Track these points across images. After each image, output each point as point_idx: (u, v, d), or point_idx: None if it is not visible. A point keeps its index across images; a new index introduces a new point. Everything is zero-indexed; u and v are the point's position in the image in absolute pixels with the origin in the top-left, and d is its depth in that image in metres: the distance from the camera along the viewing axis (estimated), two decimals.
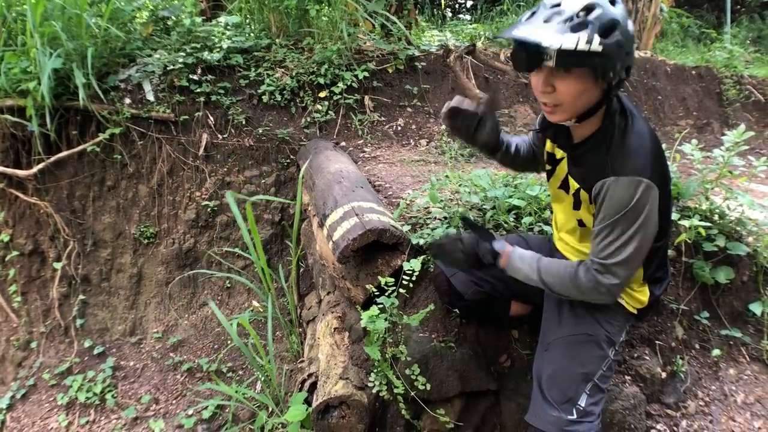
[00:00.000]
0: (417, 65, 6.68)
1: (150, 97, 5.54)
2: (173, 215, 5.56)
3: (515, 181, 4.01)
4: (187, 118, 5.59)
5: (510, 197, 3.69)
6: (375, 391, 3.06)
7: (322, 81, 6.07)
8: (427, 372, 3.14)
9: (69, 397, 4.91)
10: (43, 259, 5.45)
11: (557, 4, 2.15)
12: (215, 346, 5.20)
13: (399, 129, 6.24)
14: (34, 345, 5.26)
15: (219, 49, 6.03)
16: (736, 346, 3.79)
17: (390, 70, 6.53)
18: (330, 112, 6.06)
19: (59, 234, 5.39)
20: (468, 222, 2.78)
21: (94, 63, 5.32)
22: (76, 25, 5.42)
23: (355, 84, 6.20)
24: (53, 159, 5.33)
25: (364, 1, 6.63)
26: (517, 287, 2.97)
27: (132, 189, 5.54)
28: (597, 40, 2.05)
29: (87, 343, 5.27)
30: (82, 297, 5.41)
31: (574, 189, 2.48)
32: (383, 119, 6.28)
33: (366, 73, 6.25)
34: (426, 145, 6.04)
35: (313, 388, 3.32)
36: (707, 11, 13.94)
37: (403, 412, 3.05)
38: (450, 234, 2.75)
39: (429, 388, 3.09)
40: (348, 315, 3.56)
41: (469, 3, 15.72)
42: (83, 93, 5.03)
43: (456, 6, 15.96)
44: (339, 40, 6.33)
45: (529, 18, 2.20)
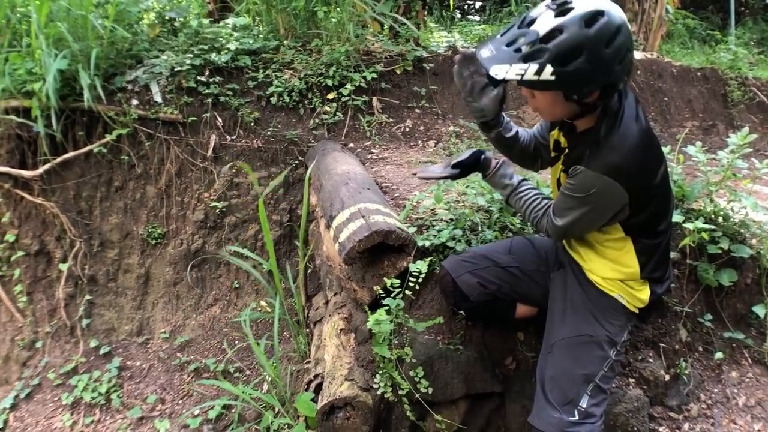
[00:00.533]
0: (425, 66, 6.67)
1: (157, 99, 5.55)
2: (181, 216, 5.57)
3: None
4: (196, 119, 5.60)
5: None
6: (380, 393, 3.07)
7: (330, 82, 6.06)
8: (432, 374, 3.15)
9: (74, 397, 4.90)
10: (49, 260, 5.44)
11: (531, 21, 2.18)
12: (222, 346, 5.21)
13: (407, 130, 6.24)
14: (39, 345, 5.25)
15: (227, 51, 6.03)
16: (738, 348, 3.80)
17: (398, 71, 6.53)
18: (338, 113, 6.06)
19: (65, 234, 5.39)
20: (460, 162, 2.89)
21: (100, 64, 5.35)
22: (81, 27, 5.42)
23: (364, 85, 6.20)
24: (59, 160, 5.33)
25: (372, 3, 6.64)
26: (523, 289, 3.00)
27: (140, 190, 5.55)
28: (549, 69, 2.09)
29: (93, 343, 5.27)
30: (88, 297, 5.41)
31: (563, 179, 2.58)
32: (391, 120, 6.28)
33: (374, 75, 6.26)
34: (434, 147, 6.03)
35: (319, 388, 3.32)
36: (712, 13, 13.92)
37: (408, 413, 3.06)
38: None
39: (434, 390, 3.11)
40: (354, 316, 3.56)
41: (478, 4, 15.70)
42: (88, 94, 5.03)
43: (465, 7, 15.95)
44: (347, 41, 6.34)
45: (503, 34, 2.24)
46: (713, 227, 3.56)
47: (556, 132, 2.68)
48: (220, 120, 5.66)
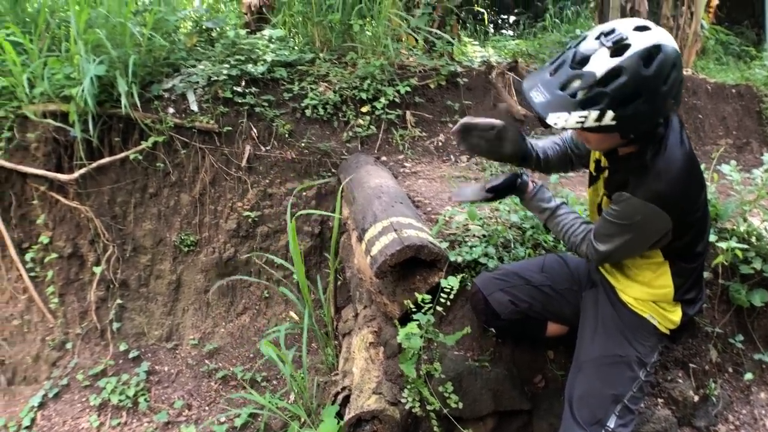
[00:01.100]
0: (459, 81, 6.68)
1: (194, 108, 5.61)
2: (214, 224, 5.61)
3: None
4: (231, 129, 5.64)
5: None
6: (408, 407, 3.06)
7: (364, 96, 6.09)
8: (461, 390, 3.15)
9: (102, 399, 4.93)
10: (82, 263, 5.50)
11: (584, 60, 2.11)
12: (251, 355, 5.24)
13: (440, 145, 6.25)
14: (69, 346, 5.30)
15: (263, 62, 6.08)
16: None
17: (432, 85, 6.54)
18: (372, 126, 6.08)
19: (99, 238, 5.45)
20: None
21: (137, 71, 5.41)
22: (120, 34, 5.50)
23: (397, 99, 6.22)
24: (95, 165, 5.39)
25: (407, 17, 6.67)
26: (554, 308, 2.99)
27: (174, 197, 5.61)
28: (609, 115, 2.06)
29: (122, 347, 5.31)
30: (119, 301, 5.46)
31: (605, 203, 2.55)
32: (424, 135, 6.29)
33: (408, 89, 6.27)
34: (466, 162, 6.03)
35: (346, 401, 3.32)
36: (747, 28, 13.75)
37: (436, 429, 3.05)
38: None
39: (462, 406, 3.09)
40: (384, 330, 3.56)
41: (512, 19, 15.70)
42: (126, 100, 5.11)
43: (498, 22, 15.96)
44: (382, 55, 6.37)
45: (552, 73, 2.18)
46: (746, 247, 3.53)
47: (595, 153, 2.68)
48: (255, 131, 5.70)
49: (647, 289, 2.59)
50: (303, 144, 5.72)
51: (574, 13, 11.75)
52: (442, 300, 3.15)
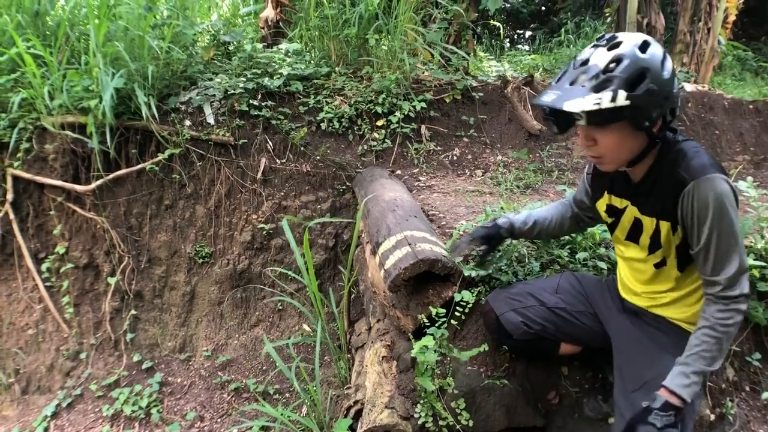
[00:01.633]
0: (474, 95, 6.70)
1: (210, 120, 5.64)
2: (229, 236, 5.63)
3: None
4: (246, 141, 5.68)
5: None
6: (420, 422, 3.04)
7: (379, 110, 6.12)
8: (474, 406, 3.12)
9: (114, 409, 4.95)
10: (97, 273, 5.52)
11: (585, 61, 2.22)
12: (264, 367, 5.24)
13: (455, 159, 6.25)
14: (83, 356, 5.32)
15: (279, 76, 6.12)
16: None
17: (447, 100, 6.56)
18: (387, 140, 6.11)
19: (114, 249, 5.47)
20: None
21: (155, 84, 5.47)
22: (138, 47, 5.54)
23: (412, 113, 6.24)
24: (112, 176, 5.43)
25: (423, 31, 6.69)
26: (568, 330, 2.95)
27: (189, 209, 5.63)
28: (622, 95, 2.09)
29: (136, 357, 5.33)
30: (134, 312, 5.48)
31: (650, 230, 2.45)
32: (439, 149, 6.30)
33: (423, 103, 6.30)
34: (481, 176, 6.03)
35: (359, 415, 3.30)
36: (764, 44, 13.74)
37: None
38: None
39: (475, 422, 3.07)
40: (397, 344, 3.55)
41: (528, 34, 15.73)
42: (146, 112, 5.14)
43: (514, 37, 15.98)
44: (398, 69, 6.39)
45: (558, 81, 2.26)
46: (764, 264, 3.50)
47: (605, 198, 2.65)
48: (270, 143, 5.73)
49: (695, 306, 2.53)
50: (318, 157, 5.74)
51: (591, 29, 11.75)
52: (456, 314, 3.14)
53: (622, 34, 2.26)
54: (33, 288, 5.40)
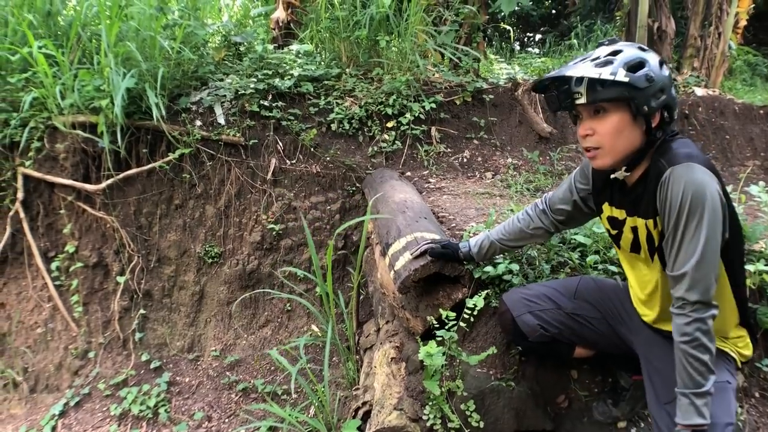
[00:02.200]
0: (484, 98, 6.70)
1: (221, 121, 5.65)
2: (239, 236, 5.64)
3: None
4: (257, 142, 5.69)
5: (576, 234, 3.66)
6: (429, 425, 3.03)
7: (390, 111, 6.12)
8: (483, 408, 3.11)
9: (122, 409, 4.95)
10: (107, 272, 5.53)
11: (589, 54, 2.34)
12: (272, 368, 5.24)
13: (465, 161, 6.25)
14: (91, 355, 5.33)
15: (290, 77, 6.13)
16: None
17: (457, 101, 6.56)
18: (397, 142, 6.11)
19: (124, 249, 5.49)
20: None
21: (166, 84, 5.49)
22: (149, 47, 5.57)
23: (423, 115, 6.24)
24: (122, 176, 5.45)
25: (434, 32, 6.69)
26: (584, 335, 2.93)
27: (199, 209, 5.64)
28: (622, 72, 2.16)
29: (144, 357, 5.34)
30: (142, 311, 5.49)
31: (644, 232, 2.42)
32: (449, 151, 6.29)
33: (433, 105, 6.30)
34: (491, 178, 6.02)
35: (367, 416, 3.30)
36: None
37: None
38: None
39: (484, 424, 3.06)
40: (406, 345, 3.55)
41: (538, 37, 15.72)
42: (156, 113, 5.15)
43: (525, 39, 15.97)
44: (408, 71, 6.39)
45: (561, 67, 2.36)
46: None
47: (607, 210, 2.63)
48: (280, 144, 5.74)
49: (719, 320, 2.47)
50: (328, 158, 5.74)
51: (601, 32, 11.74)
52: (465, 317, 3.13)
53: (622, 42, 2.36)
54: (42, 287, 5.41)
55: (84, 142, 5.34)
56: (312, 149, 5.77)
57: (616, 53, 2.23)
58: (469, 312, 3.12)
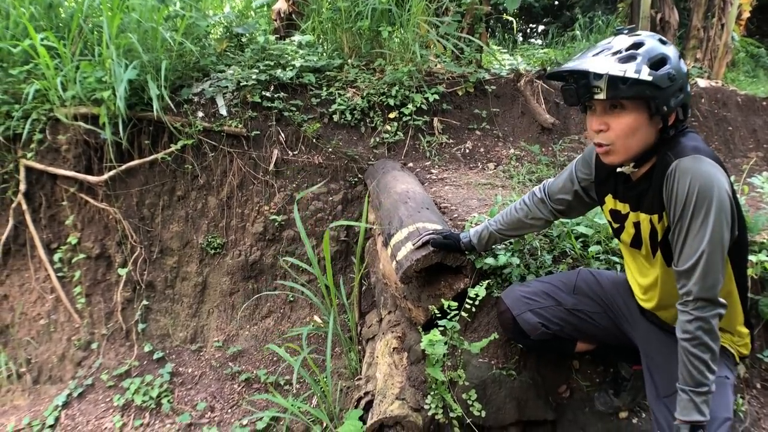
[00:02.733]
0: (487, 88, 6.68)
1: (223, 112, 5.64)
2: (241, 227, 5.64)
3: None
4: (259, 133, 5.68)
5: (577, 224, 3.65)
6: (431, 414, 3.04)
7: (392, 102, 6.11)
8: (485, 398, 3.12)
9: (125, 399, 4.97)
10: (109, 264, 5.55)
11: (607, 44, 2.23)
12: (274, 358, 5.24)
13: (467, 152, 6.24)
14: (94, 346, 5.35)
15: (292, 68, 6.12)
16: None
17: (460, 92, 6.54)
18: (399, 132, 6.10)
19: (127, 240, 5.50)
20: None
21: (168, 76, 5.47)
22: (151, 38, 5.57)
23: (425, 106, 6.23)
24: (124, 167, 5.46)
25: (436, 24, 6.67)
26: (586, 329, 2.92)
27: (201, 200, 5.65)
28: (646, 70, 2.08)
29: (147, 348, 5.36)
30: (145, 302, 5.51)
31: (647, 228, 2.39)
32: (451, 141, 6.29)
33: (436, 96, 6.29)
34: (494, 169, 6.01)
35: (369, 406, 3.31)
36: None
37: None
38: None
39: (485, 414, 3.07)
40: (408, 335, 3.55)
41: (541, 28, 15.69)
42: (157, 104, 5.15)
43: (527, 30, 15.94)
44: (410, 61, 6.38)
45: (580, 56, 2.26)
46: None
47: (610, 202, 2.59)
48: (282, 135, 5.73)
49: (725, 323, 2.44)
50: (330, 149, 5.74)
51: (604, 23, 11.70)
52: (467, 307, 3.13)
53: (643, 32, 2.27)
54: (45, 278, 5.43)
55: (86, 133, 5.34)
56: (314, 140, 5.76)
57: (637, 46, 2.15)
58: (471, 302, 3.12)
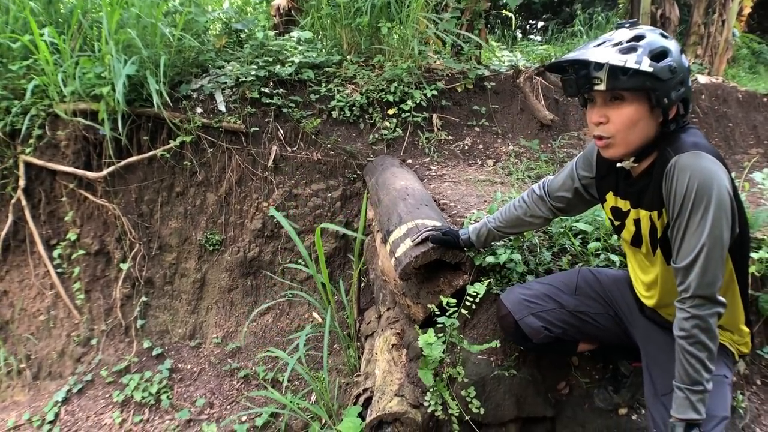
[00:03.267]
0: (486, 85, 6.68)
1: (221, 108, 5.64)
2: (240, 224, 5.64)
3: None
4: (258, 129, 5.68)
5: (577, 221, 3.64)
6: (430, 411, 3.04)
7: (391, 98, 6.10)
8: (484, 395, 3.11)
9: (125, 395, 4.98)
10: (109, 260, 5.55)
11: (609, 36, 2.22)
12: (273, 354, 5.24)
13: (466, 148, 6.23)
14: (94, 342, 5.36)
15: (291, 64, 6.11)
16: None
17: (459, 89, 6.54)
18: (398, 129, 6.09)
19: (126, 236, 5.50)
20: None
21: (167, 71, 5.46)
22: (150, 34, 5.55)
23: (424, 102, 6.22)
24: (123, 163, 5.45)
25: (435, 20, 6.66)
26: (589, 331, 2.90)
27: (200, 196, 5.64)
28: (647, 61, 2.06)
29: (146, 344, 5.36)
30: (144, 299, 5.51)
31: (647, 225, 2.38)
32: (450, 138, 6.28)
33: (435, 92, 6.28)
34: (492, 165, 6.00)
35: (368, 403, 3.30)
36: None
37: None
38: None
39: (484, 411, 3.06)
40: (407, 332, 3.55)
41: (540, 24, 15.67)
42: (157, 100, 5.14)
43: (527, 27, 15.92)
44: (409, 58, 6.37)
45: (581, 48, 2.25)
46: None
47: (611, 199, 2.58)
48: (281, 131, 5.73)
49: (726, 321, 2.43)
50: (329, 145, 5.73)
51: (604, 19, 11.69)
52: (467, 304, 3.12)
53: (644, 26, 2.24)
54: (45, 274, 5.43)
55: (85, 129, 5.34)
56: (313, 136, 5.75)
57: (639, 38, 2.13)
58: (471, 299, 3.11)
